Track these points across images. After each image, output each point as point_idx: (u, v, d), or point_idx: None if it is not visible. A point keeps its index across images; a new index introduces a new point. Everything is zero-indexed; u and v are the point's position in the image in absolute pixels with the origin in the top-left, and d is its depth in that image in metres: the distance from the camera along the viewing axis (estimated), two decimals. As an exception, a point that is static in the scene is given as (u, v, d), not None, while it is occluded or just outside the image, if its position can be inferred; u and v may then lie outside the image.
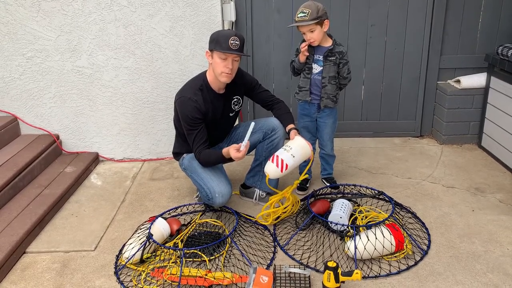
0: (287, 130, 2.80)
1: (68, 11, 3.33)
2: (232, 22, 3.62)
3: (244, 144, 2.51)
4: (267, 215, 2.72)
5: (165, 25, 3.40)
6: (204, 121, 2.67)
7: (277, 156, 2.56)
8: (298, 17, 2.71)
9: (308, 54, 2.82)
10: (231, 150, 2.52)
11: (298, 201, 2.79)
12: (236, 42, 2.54)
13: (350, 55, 2.91)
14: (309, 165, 2.84)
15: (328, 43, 2.84)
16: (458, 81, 3.80)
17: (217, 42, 2.55)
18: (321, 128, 3.05)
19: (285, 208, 2.71)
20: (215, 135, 2.86)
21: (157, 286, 2.24)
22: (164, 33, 3.42)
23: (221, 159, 2.62)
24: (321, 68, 2.86)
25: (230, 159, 2.59)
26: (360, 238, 2.39)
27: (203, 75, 2.75)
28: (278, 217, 2.75)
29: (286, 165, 2.53)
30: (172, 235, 2.56)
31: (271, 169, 2.56)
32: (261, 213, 2.72)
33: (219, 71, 2.60)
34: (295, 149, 2.57)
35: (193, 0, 3.36)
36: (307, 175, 2.86)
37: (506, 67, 3.37)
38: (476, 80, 3.74)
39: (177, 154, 2.95)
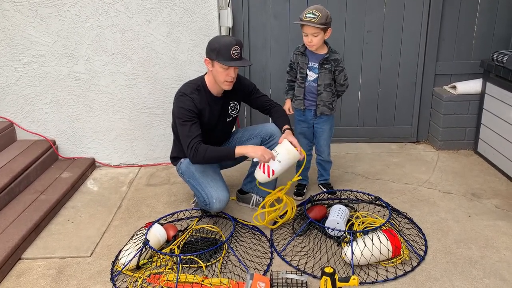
0: (282, 130, 2.80)
1: (65, 16, 3.33)
2: (229, 28, 3.63)
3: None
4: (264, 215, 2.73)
5: (162, 31, 3.41)
6: (199, 118, 2.64)
7: (264, 163, 2.62)
8: (306, 16, 2.68)
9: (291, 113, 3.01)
10: (259, 148, 2.59)
11: (294, 207, 2.79)
12: (238, 51, 2.55)
13: (346, 61, 2.93)
14: (302, 167, 2.85)
15: (324, 50, 2.85)
16: (454, 87, 3.82)
17: (219, 53, 2.53)
18: (318, 134, 3.05)
19: (283, 213, 2.71)
20: (213, 141, 2.86)
21: (153, 292, 2.23)
22: (161, 39, 3.43)
23: (227, 154, 2.60)
24: (317, 75, 2.87)
25: (235, 159, 2.61)
26: (357, 243, 2.39)
27: (201, 78, 2.76)
28: (275, 222, 2.74)
29: (273, 171, 2.61)
30: (168, 241, 2.55)
31: (259, 176, 2.67)
32: (257, 213, 2.73)
33: (222, 80, 2.61)
34: (281, 155, 2.61)
35: (190, 6, 3.37)
36: (300, 177, 2.89)
37: (501, 73, 3.39)
38: (471, 86, 3.76)
39: (174, 159, 2.94)
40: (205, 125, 2.71)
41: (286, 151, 2.60)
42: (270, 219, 2.73)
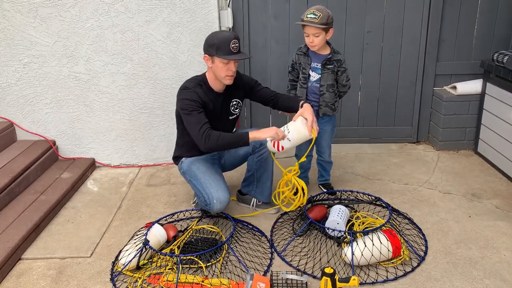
0: (300, 105, 2.74)
1: (65, 17, 3.33)
2: (230, 28, 3.63)
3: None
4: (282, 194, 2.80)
5: (162, 31, 3.41)
6: (204, 109, 2.64)
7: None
8: (307, 17, 2.68)
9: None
10: (272, 128, 2.57)
11: (305, 188, 2.76)
12: (236, 44, 2.57)
13: (346, 61, 2.92)
14: (311, 146, 2.83)
15: (327, 51, 2.85)
16: (454, 87, 3.82)
17: (218, 48, 2.54)
18: (320, 135, 3.03)
19: (297, 195, 2.74)
20: None
21: (153, 292, 2.23)
22: (161, 39, 3.43)
23: (241, 139, 2.57)
24: (319, 76, 2.87)
25: (248, 144, 2.60)
26: (357, 244, 2.39)
27: (202, 75, 2.77)
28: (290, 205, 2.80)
29: (282, 147, 2.65)
30: (168, 241, 2.55)
31: (270, 148, 2.72)
32: (275, 192, 2.82)
33: (223, 75, 2.62)
34: (292, 133, 2.62)
35: (190, 6, 3.37)
36: (305, 159, 2.89)
37: (501, 74, 3.39)
38: (472, 86, 3.76)
39: (176, 158, 2.94)
40: (208, 120, 2.69)
41: (297, 132, 2.61)
42: (283, 199, 2.79)
